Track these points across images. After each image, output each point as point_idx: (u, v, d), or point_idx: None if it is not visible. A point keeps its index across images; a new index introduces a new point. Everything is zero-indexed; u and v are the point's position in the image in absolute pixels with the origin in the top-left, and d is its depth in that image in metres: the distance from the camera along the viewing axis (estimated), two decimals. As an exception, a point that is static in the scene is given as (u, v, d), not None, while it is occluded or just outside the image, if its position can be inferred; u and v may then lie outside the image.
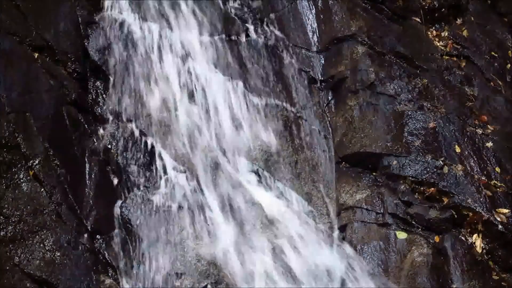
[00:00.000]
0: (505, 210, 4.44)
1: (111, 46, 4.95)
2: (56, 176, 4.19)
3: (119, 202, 4.44)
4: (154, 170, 4.61)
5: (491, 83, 5.32)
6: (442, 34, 5.54)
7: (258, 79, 5.17)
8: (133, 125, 4.73)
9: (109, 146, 4.63)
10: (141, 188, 4.53)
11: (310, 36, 5.46)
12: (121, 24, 5.06)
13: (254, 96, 5.10)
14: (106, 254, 4.22)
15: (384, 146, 4.79)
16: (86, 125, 4.59)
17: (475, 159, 4.71)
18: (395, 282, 4.30)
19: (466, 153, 4.73)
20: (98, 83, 4.85)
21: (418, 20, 5.53)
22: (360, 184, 4.77)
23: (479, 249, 4.38)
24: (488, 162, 4.73)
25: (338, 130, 5.08)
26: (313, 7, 5.54)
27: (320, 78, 5.31)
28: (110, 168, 4.55)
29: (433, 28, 5.60)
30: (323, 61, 5.36)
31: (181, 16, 5.28)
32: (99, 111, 4.76)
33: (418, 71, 5.20)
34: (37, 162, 4.14)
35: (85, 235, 4.18)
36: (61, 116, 4.45)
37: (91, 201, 4.31)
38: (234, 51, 5.23)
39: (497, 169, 4.71)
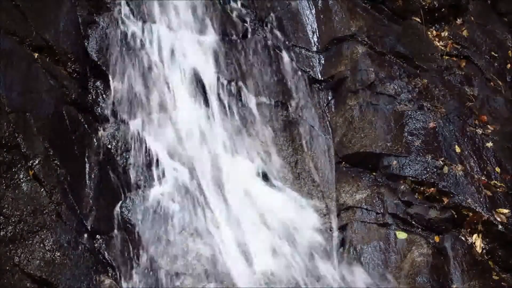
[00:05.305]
0: (505, 210, 4.44)
1: (111, 46, 4.94)
2: (56, 176, 4.19)
3: (119, 202, 4.44)
4: (154, 170, 4.61)
5: (491, 83, 5.32)
6: (442, 34, 5.54)
7: (258, 79, 5.17)
8: (133, 125, 4.73)
9: (109, 146, 4.63)
10: (141, 188, 4.53)
11: (310, 36, 5.46)
12: (121, 24, 5.06)
13: (255, 96, 5.10)
14: (106, 254, 4.22)
15: (384, 146, 4.79)
16: (86, 125, 4.59)
17: (475, 159, 4.71)
18: (395, 282, 4.30)
19: (466, 153, 4.73)
20: (98, 83, 4.84)
21: (418, 20, 5.53)
22: (360, 184, 4.77)
23: (479, 249, 4.38)
24: (488, 162, 4.73)
25: (338, 130, 5.08)
26: (313, 7, 5.54)
27: (320, 78, 5.31)
28: (110, 168, 4.55)
29: (433, 28, 5.60)
30: (323, 61, 5.36)
31: (181, 16, 5.28)
32: (99, 111, 4.75)
33: (418, 71, 5.21)
34: (37, 162, 4.14)
35: (85, 235, 4.17)
36: (61, 116, 4.45)
37: (91, 201, 4.31)
38: (234, 51, 5.23)
39: (497, 169, 4.71)
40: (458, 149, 4.72)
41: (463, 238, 4.42)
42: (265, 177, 4.80)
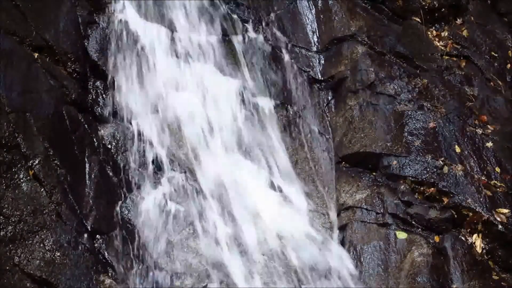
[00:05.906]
0: (505, 210, 4.44)
1: (111, 46, 4.94)
2: (56, 176, 4.18)
3: (119, 202, 4.44)
4: (154, 170, 4.60)
5: (491, 83, 5.32)
6: (442, 34, 5.54)
7: (258, 79, 5.17)
8: (133, 125, 4.73)
9: (109, 146, 4.63)
10: (141, 188, 4.53)
11: (310, 36, 5.46)
12: (121, 24, 5.06)
13: (254, 96, 5.10)
14: (106, 254, 4.22)
15: (384, 146, 4.79)
16: (86, 125, 4.59)
17: (475, 159, 4.71)
18: (395, 282, 4.30)
19: (466, 153, 4.73)
20: (98, 83, 4.84)
21: (418, 20, 5.54)
22: (360, 184, 4.77)
23: (479, 249, 4.38)
24: (488, 162, 4.73)
25: (338, 130, 5.08)
26: (313, 7, 5.54)
27: (320, 78, 5.31)
28: (110, 168, 4.55)
29: (433, 28, 5.60)
30: (323, 61, 5.37)
31: (181, 16, 5.27)
32: (99, 111, 4.75)
33: (418, 71, 5.21)
34: (37, 162, 4.13)
35: (85, 235, 4.17)
36: (61, 116, 4.45)
37: (91, 201, 4.31)
38: (234, 51, 5.23)
39: (497, 169, 4.71)
40: (458, 149, 4.72)
41: (463, 238, 4.42)
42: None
